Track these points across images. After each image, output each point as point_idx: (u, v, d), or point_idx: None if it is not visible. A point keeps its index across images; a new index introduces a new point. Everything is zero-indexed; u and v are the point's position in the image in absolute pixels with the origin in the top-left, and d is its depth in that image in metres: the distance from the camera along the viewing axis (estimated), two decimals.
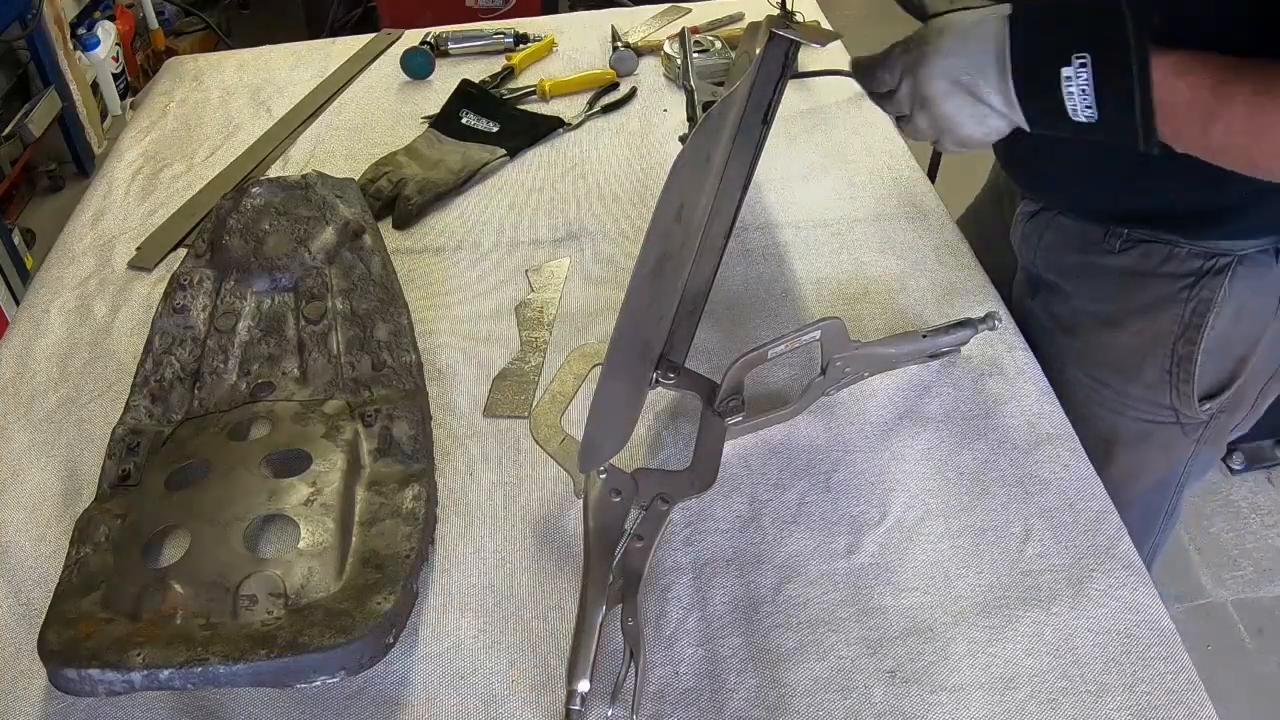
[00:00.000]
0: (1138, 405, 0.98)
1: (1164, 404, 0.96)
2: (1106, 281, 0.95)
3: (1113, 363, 0.98)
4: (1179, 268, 0.89)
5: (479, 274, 1.11)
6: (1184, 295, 0.90)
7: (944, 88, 0.74)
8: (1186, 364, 0.93)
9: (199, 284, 1.00)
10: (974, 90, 0.73)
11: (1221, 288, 0.88)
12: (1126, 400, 0.98)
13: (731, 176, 0.90)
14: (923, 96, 0.76)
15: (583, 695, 0.68)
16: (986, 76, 0.72)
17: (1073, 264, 0.98)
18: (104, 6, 3.25)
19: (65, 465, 0.91)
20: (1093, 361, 1.00)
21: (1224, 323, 0.90)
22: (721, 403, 0.86)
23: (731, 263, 1.07)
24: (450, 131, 1.34)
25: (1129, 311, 0.94)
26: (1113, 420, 1.00)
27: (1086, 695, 0.69)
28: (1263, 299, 0.89)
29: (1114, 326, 0.96)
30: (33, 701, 0.73)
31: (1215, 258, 0.88)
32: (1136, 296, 0.93)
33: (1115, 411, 1.00)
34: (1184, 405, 0.96)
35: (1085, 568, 0.77)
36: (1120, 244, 0.92)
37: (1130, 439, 1.00)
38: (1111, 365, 0.98)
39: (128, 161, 1.36)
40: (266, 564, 0.75)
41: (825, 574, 0.78)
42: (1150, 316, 0.93)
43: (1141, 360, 0.95)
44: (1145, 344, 0.94)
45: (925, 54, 0.74)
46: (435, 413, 0.93)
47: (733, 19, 1.55)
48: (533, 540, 0.82)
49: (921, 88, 0.75)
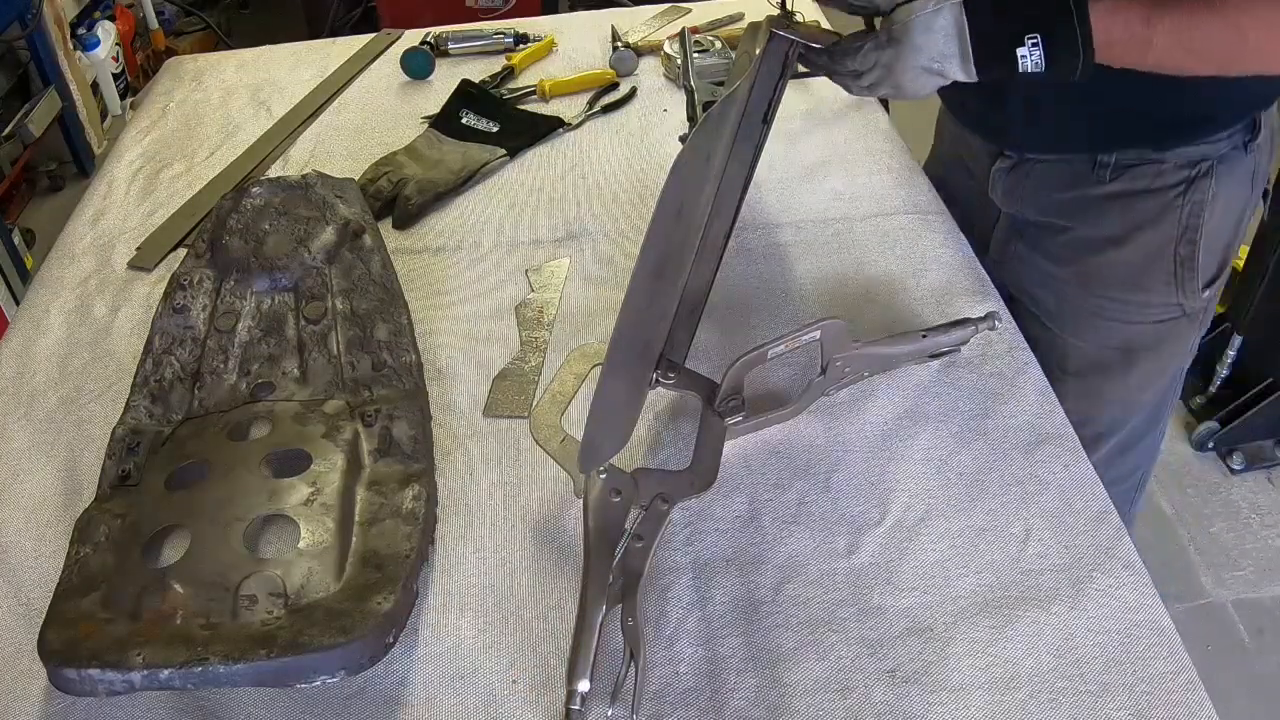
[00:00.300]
0: (1149, 310, 1.07)
1: (1173, 303, 1.06)
2: (1103, 208, 1.03)
3: (1121, 279, 1.06)
4: (1168, 180, 0.99)
5: (479, 274, 1.11)
6: (1178, 203, 1.00)
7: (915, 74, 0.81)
8: (1189, 263, 1.02)
9: (199, 284, 1.00)
10: (941, 73, 0.81)
11: (1209, 188, 0.98)
12: (1139, 309, 1.07)
13: (732, 176, 0.90)
14: (895, 83, 0.82)
15: (583, 695, 0.68)
16: (952, 62, 0.79)
17: (1066, 201, 1.06)
18: (104, 6, 3.25)
19: (65, 465, 0.91)
20: (1101, 283, 1.07)
21: (1215, 218, 1.00)
22: (721, 403, 0.86)
23: (732, 263, 1.07)
24: (450, 131, 1.34)
25: (1129, 229, 1.03)
26: (1128, 331, 1.09)
27: (1087, 695, 0.69)
28: (1240, 188, 1.01)
29: (1118, 245, 1.04)
30: (33, 701, 0.73)
31: (1198, 164, 0.98)
32: (1135, 214, 1.02)
33: (1129, 322, 1.08)
34: (1190, 299, 1.05)
35: (1085, 568, 0.76)
36: (1110, 173, 1.01)
37: (1147, 343, 1.10)
38: (1120, 281, 1.06)
39: (128, 161, 1.36)
40: (266, 564, 0.75)
41: (825, 574, 0.78)
42: (1150, 229, 1.02)
43: (1149, 269, 1.04)
44: (1149, 255, 1.03)
45: (901, 51, 0.80)
46: (435, 413, 0.93)
47: (733, 19, 1.55)
48: (533, 540, 0.82)
49: (894, 76, 0.82)
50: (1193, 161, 0.98)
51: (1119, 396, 1.15)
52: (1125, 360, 1.11)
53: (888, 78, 0.82)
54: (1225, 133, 0.97)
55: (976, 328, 0.92)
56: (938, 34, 0.78)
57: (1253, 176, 1.02)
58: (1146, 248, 1.03)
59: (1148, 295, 1.06)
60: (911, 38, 0.78)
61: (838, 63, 0.84)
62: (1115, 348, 1.10)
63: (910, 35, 0.79)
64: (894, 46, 0.80)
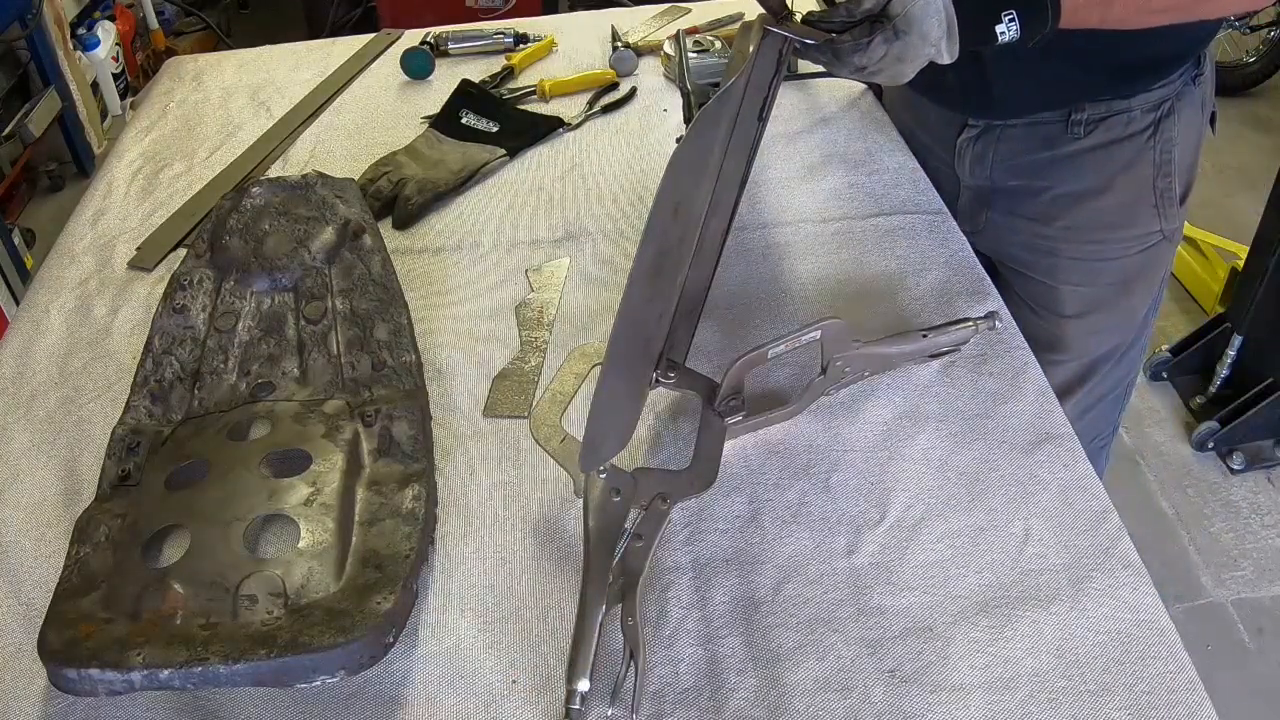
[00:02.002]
0: (1137, 242, 1.15)
1: (1155, 230, 1.14)
2: (1082, 162, 1.10)
3: (1108, 222, 1.14)
4: (1138, 125, 1.07)
5: (479, 274, 1.11)
6: (1150, 144, 1.08)
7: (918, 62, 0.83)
8: (1168, 194, 1.12)
9: (199, 284, 1.00)
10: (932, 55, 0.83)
11: (1174, 125, 1.08)
12: (1127, 245, 1.15)
13: (728, 174, 0.90)
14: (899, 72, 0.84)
15: (583, 695, 0.68)
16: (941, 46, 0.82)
17: (1040, 162, 1.12)
18: (104, 6, 3.25)
19: (65, 465, 0.91)
20: (1088, 229, 1.15)
21: (1180, 148, 1.10)
22: (722, 402, 0.86)
23: (731, 262, 1.07)
24: (450, 131, 1.34)
25: (1109, 176, 1.10)
26: (1119, 266, 1.16)
27: (1086, 695, 0.69)
28: (1196, 116, 1.11)
29: (1101, 193, 1.12)
30: (33, 701, 0.73)
31: (1160, 105, 1.07)
32: (1113, 163, 1.10)
33: (1118, 259, 1.16)
34: (1169, 222, 1.15)
35: (1085, 568, 0.76)
36: (1084, 129, 1.08)
37: (1139, 270, 1.18)
38: (1107, 224, 1.14)
39: (128, 161, 1.36)
40: (266, 564, 0.75)
41: (825, 574, 0.78)
42: (1129, 173, 1.10)
43: (1133, 207, 1.12)
44: (1133, 194, 1.11)
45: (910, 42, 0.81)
46: (435, 413, 0.93)
47: (732, 19, 1.55)
48: (533, 540, 0.82)
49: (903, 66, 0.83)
50: (1156, 104, 1.07)
51: (1118, 323, 1.23)
52: (1122, 290, 1.19)
53: (893, 67, 0.83)
54: (1179, 71, 1.06)
55: (976, 328, 0.92)
56: (932, 19, 0.80)
57: (1203, 104, 1.11)
58: (1128, 189, 1.11)
59: (1135, 229, 1.14)
60: (920, 27, 0.80)
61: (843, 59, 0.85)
62: (1111, 283, 1.18)
63: (917, 25, 0.80)
64: (903, 38, 0.81)
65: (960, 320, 0.92)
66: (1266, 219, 1.98)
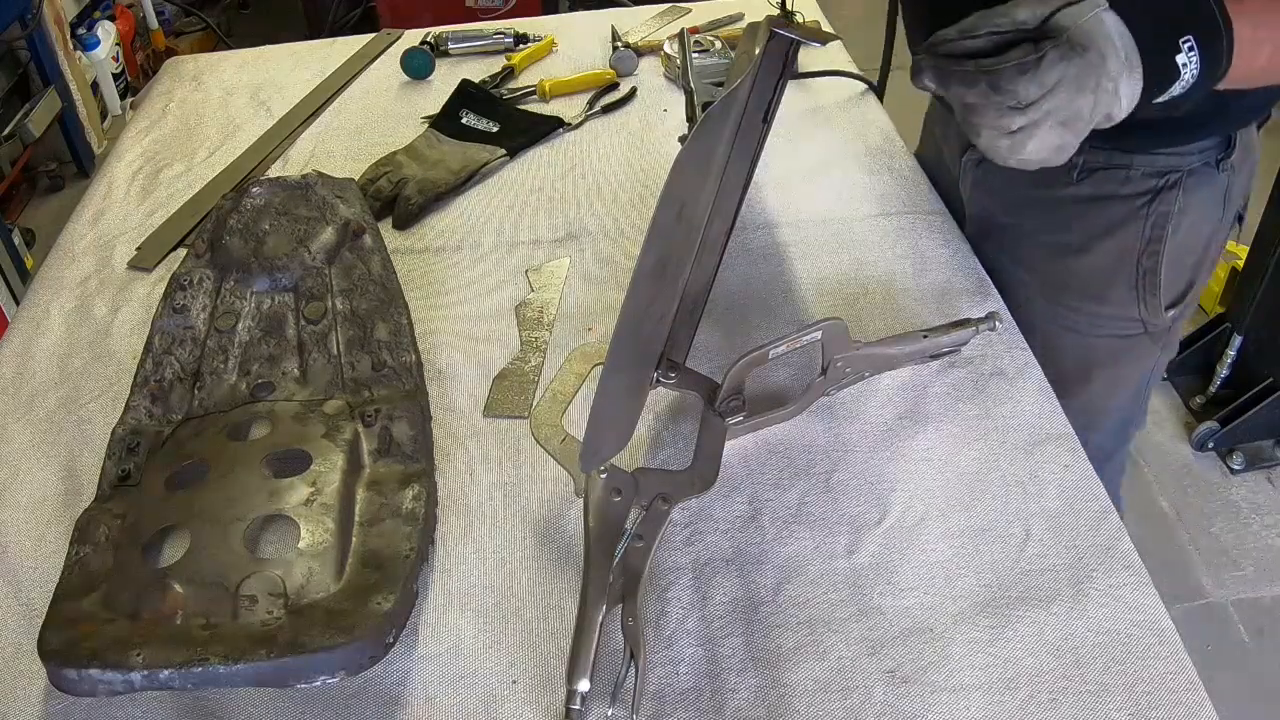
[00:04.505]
0: (1109, 323, 1.05)
1: (1134, 317, 1.03)
2: (1066, 212, 1.01)
3: (1081, 288, 1.04)
4: (1135, 188, 0.96)
5: (479, 274, 1.11)
6: (1143, 213, 0.97)
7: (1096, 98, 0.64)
8: (1152, 276, 1.00)
9: (199, 284, 1.00)
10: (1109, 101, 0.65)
11: (1176, 200, 0.96)
12: (1097, 321, 1.05)
13: (732, 175, 0.90)
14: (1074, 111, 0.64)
15: (583, 695, 0.68)
16: (1121, 80, 0.64)
17: (1029, 200, 1.03)
18: (104, 6, 3.25)
19: (65, 465, 0.91)
20: (1060, 290, 1.05)
21: (1180, 233, 0.98)
22: (722, 403, 0.86)
23: (732, 262, 1.07)
24: (450, 131, 1.34)
25: (1093, 236, 1.00)
26: (1086, 344, 1.06)
27: (1086, 695, 0.69)
28: (1210, 207, 0.98)
29: (1079, 253, 1.02)
30: (33, 701, 0.73)
31: (1167, 174, 0.95)
32: (1098, 220, 1.00)
33: (1087, 335, 1.06)
34: (1152, 315, 1.03)
35: (1085, 568, 0.76)
36: (1077, 174, 0.98)
37: (1105, 358, 1.07)
38: (1080, 290, 1.04)
39: (128, 161, 1.36)
40: (266, 564, 0.75)
41: (825, 574, 0.78)
42: (1114, 237, 0.99)
43: (1110, 280, 1.02)
44: (1112, 264, 1.01)
45: (1091, 62, 0.62)
46: (435, 413, 0.93)
47: (733, 19, 1.55)
48: (533, 540, 0.82)
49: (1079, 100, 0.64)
50: (1160, 171, 0.95)
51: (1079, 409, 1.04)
52: (1081, 374, 1.07)
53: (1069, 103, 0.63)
54: (1195, 145, 0.93)
55: (977, 328, 0.92)
56: (1114, 41, 0.63)
57: (1225, 196, 0.97)
58: (1109, 256, 1.00)
59: (1110, 307, 1.03)
60: (1098, 44, 0.62)
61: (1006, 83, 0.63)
62: (1072, 363, 1.05)
63: (1095, 41, 0.62)
64: (1081, 56, 0.62)
65: (960, 321, 0.92)
66: (1267, 219, 1.98)
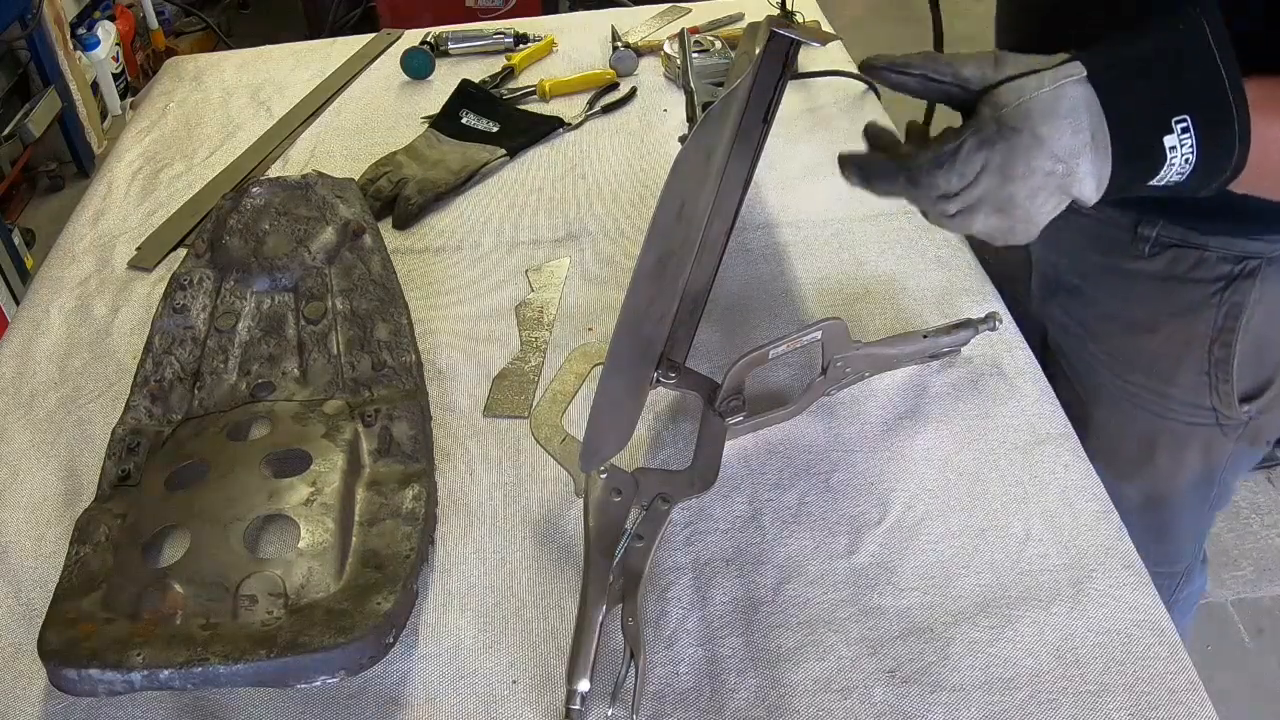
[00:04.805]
0: (1177, 407, 0.97)
1: (1204, 405, 0.95)
2: (1135, 287, 0.93)
3: (1147, 367, 0.97)
4: (1209, 272, 0.88)
5: (479, 274, 1.11)
6: (1216, 300, 0.89)
7: (1036, 183, 0.59)
8: (1224, 366, 0.92)
9: (199, 284, 1.00)
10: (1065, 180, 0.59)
11: (1253, 290, 0.87)
12: (1165, 402, 0.97)
13: (732, 175, 0.90)
14: (1006, 198, 0.60)
15: (583, 695, 0.68)
16: (1081, 162, 0.58)
17: (1097, 267, 0.97)
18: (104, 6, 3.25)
19: (65, 465, 0.91)
20: (1126, 366, 0.98)
21: (1257, 325, 0.89)
22: (722, 403, 0.86)
23: (732, 262, 1.07)
24: (450, 131, 1.34)
25: (1161, 316, 0.93)
26: (1152, 422, 0.99)
27: (1086, 695, 0.69)
28: None
29: (1146, 331, 0.94)
30: (33, 701, 0.73)
31: (1245, 260, 0.87)
32: (1168, 302, 0.92)
33: (1154, 414, 0.98)
34: (1224, 406, 0.94)
35: (1085, 568, 0.76)
36: (1149, 249, 0.90)
37: (1170, 440, 0.99)
38: (1146, 369, 0.97)
39: (128, 161, 1.36)
40: (266, 564, 0.75)
41: (825, 574, 0.78)
42: (1183, 320, 0.91)
43: (1178, 363, 0.94)
44: (1180, 348, 0.93)
45: (1017, 147, 0.58)
46: (435, 413, 0.93)
47: (733, 19, 1.55)
48: (533, 540, 0.82)
49: (1008, 188, 0.59)
50: (1237, 257, 0.87)
51: (1144, 486, 1.03)
52: (1146, 452, 1.00)
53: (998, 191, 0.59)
54: (1277, 233, 0.85)
55: (977, 328, 0.92)
56: (1064, 121, 0.57)
57: None
58: (1177, 340, 0.93)
59: (1178, 390, 0.95)
60: (1032, 124, 0.57)
61: (924, 177, 0.61)
62: (1137, 436, 1.00)
63: (1030, 121, 0.57)
64: (1006, 141, 0.58)
65: (961, 321, 0.92)
66: None
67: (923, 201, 0.63)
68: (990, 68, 0.60)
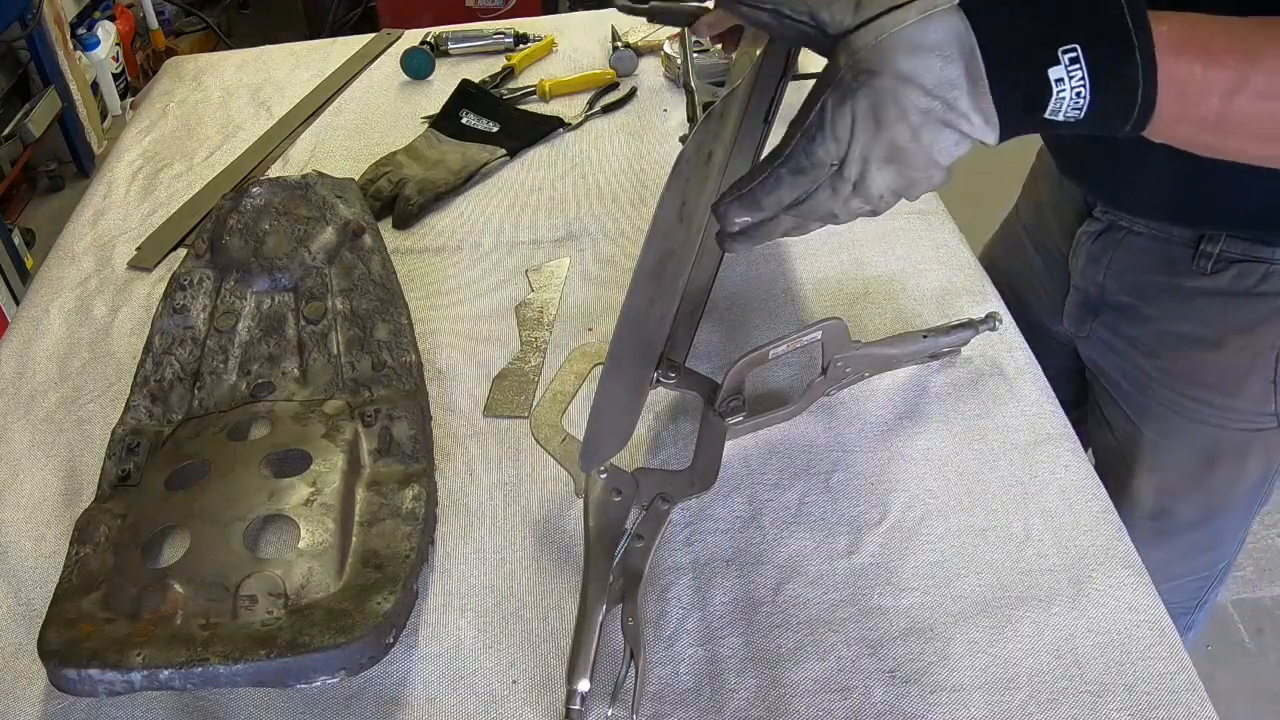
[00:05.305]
0: (1240, 418, 0.96)
1: (1268, 412, 0.95)
2: (1199, 305, 0.92)
3: (1212, 382, 0.95)
4: (1276, 285, 0.87)
5: (479, 274, 1.11)
6: None
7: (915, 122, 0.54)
8: None
9: (199, 284, 1.00)
10: (948, 119, 0.54)
11: None
12: (1228, 415, 0.96)
13: (733, 176, 0.89)
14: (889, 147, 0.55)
15: (583, 695, 0.68)
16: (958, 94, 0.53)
17: (1155, 286, 0.94)
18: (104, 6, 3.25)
19: (65, 465, 0.91)
20: (1188, 382, 0.97)
21: None
22: (722, 403, 0.86)
23: (732, 263, 1.07)
24: (450, 131, 1.34)
25: (1228, 332, 0.91)
26: (1213, 434, 0.98)
27: (1086, 695, 0.69)
28: None
29: (1213, 347, 0.93)
30: (33, 701, 0.73)
31: None
32: (1235, 317, 0.90)
33: (1216, 426, 0.98)
34: None
35: (1085, 568, 0.76)
36: (1211, 265, 0.89)
37: (1232, 449, 0.99)
38: (1210, 384, 0.95)
39: (128, 161, 1.36)
40: (266, 564, 0.75)
41: (825, 574, 0.78)
42: (1252, 334, 0.90)
43: (1245, 376, 0.93)
44: (1248, 361, 0.92)
45: (880, 90, 0.53)
46: (435, 413, 0.93)
47: None
48: (533, 540, 0.82)
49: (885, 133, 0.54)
50: None
51: (1200, 500, 1.04)
52: (1206, 464, 1.00)
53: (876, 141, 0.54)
54: None
55: (977, 328, 0.92)
56: (930, 54, 0.52)
57: None
58: (1244, 354, 0.92)
59: (1240, 402, 0.95)
60: (892, 62, 0.52)
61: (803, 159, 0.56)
62: (1196, 450, 1.00)
63: (889, 59, 0.52)
64: (867, 86, 0.53)
65: (961, 322, 0.92)
66: None
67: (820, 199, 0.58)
68: (849, 11, 0.55)
